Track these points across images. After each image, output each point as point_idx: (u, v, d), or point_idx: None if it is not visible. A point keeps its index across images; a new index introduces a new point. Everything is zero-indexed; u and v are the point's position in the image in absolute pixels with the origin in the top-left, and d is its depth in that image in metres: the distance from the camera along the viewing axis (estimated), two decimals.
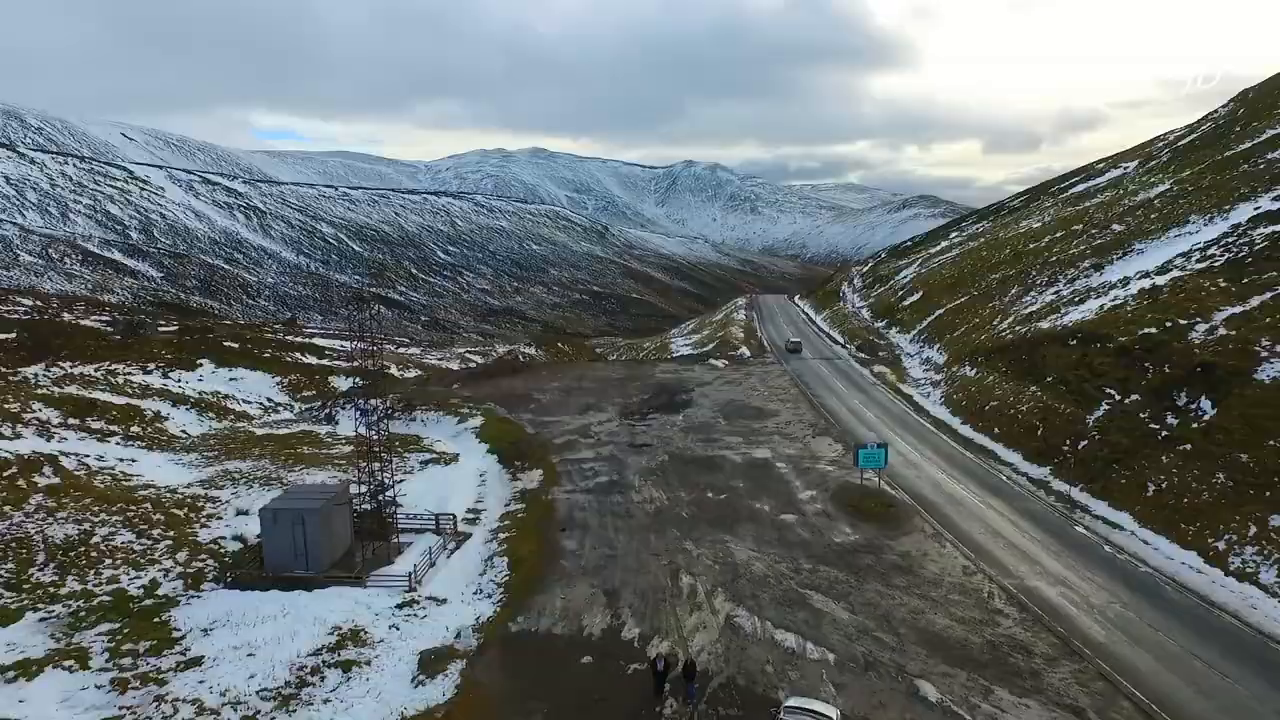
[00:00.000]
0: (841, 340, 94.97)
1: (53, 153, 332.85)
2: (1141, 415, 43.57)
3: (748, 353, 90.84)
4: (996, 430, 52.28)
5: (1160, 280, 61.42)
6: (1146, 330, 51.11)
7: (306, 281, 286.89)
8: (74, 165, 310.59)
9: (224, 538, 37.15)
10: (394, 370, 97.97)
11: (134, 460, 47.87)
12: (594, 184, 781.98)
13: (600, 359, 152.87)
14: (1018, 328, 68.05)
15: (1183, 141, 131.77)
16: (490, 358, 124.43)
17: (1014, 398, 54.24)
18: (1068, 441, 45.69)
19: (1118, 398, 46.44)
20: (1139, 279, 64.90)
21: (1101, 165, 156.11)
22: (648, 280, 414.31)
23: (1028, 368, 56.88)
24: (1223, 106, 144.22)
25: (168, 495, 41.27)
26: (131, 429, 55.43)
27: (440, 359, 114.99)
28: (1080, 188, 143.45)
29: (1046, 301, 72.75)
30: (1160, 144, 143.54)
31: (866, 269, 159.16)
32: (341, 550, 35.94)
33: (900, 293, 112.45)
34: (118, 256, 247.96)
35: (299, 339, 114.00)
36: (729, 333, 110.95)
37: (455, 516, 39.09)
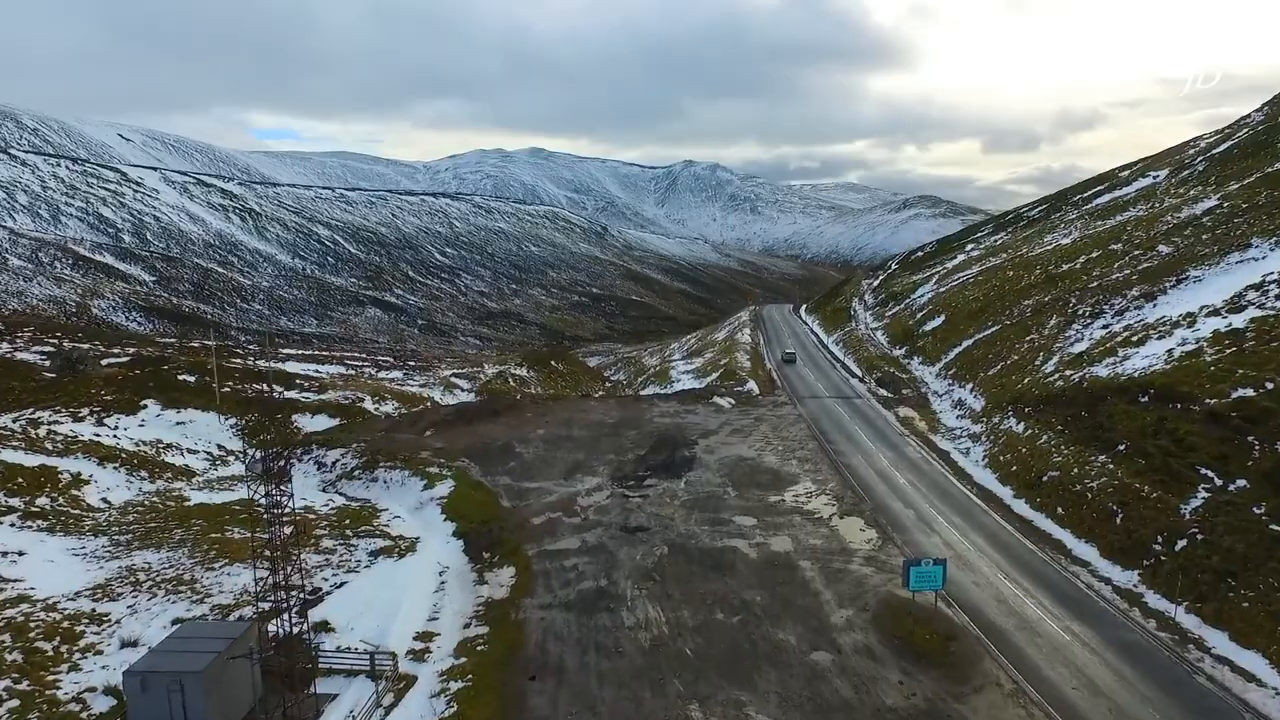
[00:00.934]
0: (859, 372, 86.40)
1: (45, 154, 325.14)
2: (1256, 511, 35.15)
3: (755, 388, 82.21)
4: (1060, 511, 43.78)
5: (1237, 321, 52.99)
6: (1242, 392, 42.67)
7: (302, 285, 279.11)
8: (66, 167, 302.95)
9: (94, 689, 28.79)
10: (369, 403, 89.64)
11: (21, 554, 39.52)
12: (593, 184, 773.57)
13: (597, 376, 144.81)
14: (1068, 372, 59.53)
15: (1218, 149, 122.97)
16: (477, 381, 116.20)
17: (1078, 469, 45.74)
18: (1159, 538, 37.21)
19: (1218, 482, 38.01)
20: (1207, 316, 56.50)
21: (1127, 174, 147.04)
22: (647, 282, 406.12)
23: (1091, 430, 48.35)
24: (1257, 111, 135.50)
25: (40, 617, 32.90)
26: (37, 502, 47.12)
27: (422, 385, 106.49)
28: (1106, 198, 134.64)
29: (1096, 338, 64.31)
30: (1192, 151, 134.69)
31: (878, 283, 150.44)
32: (242, 713, 27.59)
33: (919, 315, 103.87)
34: (109, 260, 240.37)
35: (270, 363, 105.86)
36: (734, 360, 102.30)
37: (396, 656, 30.63)
